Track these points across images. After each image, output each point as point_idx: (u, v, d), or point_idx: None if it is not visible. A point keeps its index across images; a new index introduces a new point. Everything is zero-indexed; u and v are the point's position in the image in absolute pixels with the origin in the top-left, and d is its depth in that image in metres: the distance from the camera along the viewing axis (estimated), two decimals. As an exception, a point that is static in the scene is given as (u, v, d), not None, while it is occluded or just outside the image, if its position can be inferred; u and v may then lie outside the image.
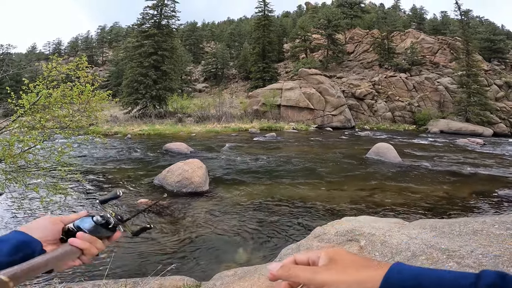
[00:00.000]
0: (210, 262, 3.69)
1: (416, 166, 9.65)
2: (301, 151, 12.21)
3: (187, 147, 11.54)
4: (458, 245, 2.39)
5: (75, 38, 71.55)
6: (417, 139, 17.93)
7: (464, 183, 7.79)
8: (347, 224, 3.53)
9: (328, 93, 24.98)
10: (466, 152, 13.40)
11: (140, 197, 6.04)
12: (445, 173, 8.89)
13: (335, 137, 17.98)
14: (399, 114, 27.33)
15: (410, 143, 16.19)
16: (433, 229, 2.83)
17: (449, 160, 11.02)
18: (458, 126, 23.54)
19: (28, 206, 4.67)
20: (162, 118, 24.32)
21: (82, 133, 4.61)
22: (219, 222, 4.97)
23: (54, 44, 70.24)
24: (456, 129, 23.08)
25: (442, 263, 2.21)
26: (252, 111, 24.99)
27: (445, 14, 55.84)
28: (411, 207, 5.82)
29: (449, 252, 2.32)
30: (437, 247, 2.45)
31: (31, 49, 69.69)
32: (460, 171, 9.16)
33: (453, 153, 12.83)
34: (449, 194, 6.79)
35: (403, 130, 24.58)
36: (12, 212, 4.91)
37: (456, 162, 10.67)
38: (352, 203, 5.99)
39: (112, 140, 14.00)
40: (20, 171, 3.18)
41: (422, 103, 27.49)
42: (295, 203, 5.95)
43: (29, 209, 4.77)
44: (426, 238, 2.66)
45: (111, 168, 8.67)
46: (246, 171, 8.50)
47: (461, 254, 2.26)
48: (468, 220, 2.90)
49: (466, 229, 2.66)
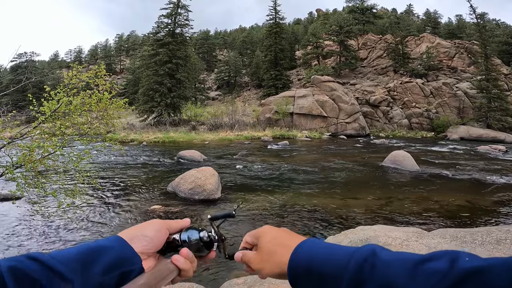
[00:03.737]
0: (220, 270, 3.66)
1: (435, 175, 9.29)
2: (315, 160, 12.06)
3: (200, 155, 11.67)
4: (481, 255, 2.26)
5: (94, 46, 74.46)
6: (436, 147, 17.32)
7: (487, 192, 7.41)
8: (361, 233, 3.42)
9: (342, 100, 24.69)
10: (488, 159, 12.80)
11: (154, 204, 6.13)
12: (466, 182, 8.50)
13: (349, 145, 17.67)
14: (416, 121, 26.55)
15: (428, 150, 15.66)
16: (454, 238, 2.69)
17: (470, 168, 10.55)
18: (478, 132, 22.59)
19: (45, 210, 4.83)
20: (176, 126, 24.78)
21: (99, 140, 4.77)
22: (230, 230, 4.94)
23: (75, 52, 73.29)
24: (476, 136, 22.15)
25: (464, 275, 2.09)
26: (264, 119, 25.02)
27: (461, 18, 54.57)
28: (431, 216, 5.58)
29: (472, 264, 2.19)
30: (458, 259, 2.32)
31: (54, 56, 72.96)
32: (482, 180, 8.74)
33: (474, 160, 12.29)
34: (471, 203, 6.47)
35: (420, 137, 23.83)
36: (30, 216, 5.09)
37: (478, 170, 10.19)
38: (367, 212, 5.81)
39: (128, 147, 14.38)
40: (40, 176, 3.31)
41: (440, 109, 26.62)
42: (308, 211, 5.84)
43: (46, 213, 4.93)
44: (446, 248, 2.53)
45: (127, 174, 8.88)
46: (258, 179, 8.47)
47: (484, 266, 2.13)
48: (491, 229, 2.75)
49: (489, 239, 2.51)
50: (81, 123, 4.03)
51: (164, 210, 5.77)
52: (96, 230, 4.90)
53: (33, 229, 4.84)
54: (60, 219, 5.11)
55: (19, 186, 2.97)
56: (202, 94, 40.51)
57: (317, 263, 0.39)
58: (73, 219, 5.20)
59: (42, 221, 5.05)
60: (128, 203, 6.28)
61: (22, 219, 5.14)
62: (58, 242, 4.49)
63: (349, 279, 0.35)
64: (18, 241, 4.49)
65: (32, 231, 4.80)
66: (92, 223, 5.16)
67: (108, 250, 0.42)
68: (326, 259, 0.39)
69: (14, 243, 4.42)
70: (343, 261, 0.37)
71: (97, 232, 4.80)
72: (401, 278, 0.32)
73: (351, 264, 0.36)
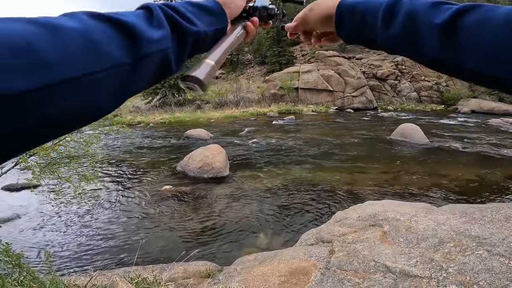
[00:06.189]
0: (231, 247, 3.81)
1: (445, 148, 9.17)
2: (322, 134, 11.99)
3: (207, 133, 11.72)
4: (490, 232, 2.27)
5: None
6: (446, 120, 16.94)
7: (498, 166, 7.31)
8: (369, 208, 3.46)
9: (348, 75, 24.08)
10: (500, 133, 12.50)
11: (165, 184, 6.28)
12: (477, 155, 8.39)
13: (356, 118, 17.42)
14: (426, 94, 25.81)
15: (438, 123, 15.35)
16: (463, 214, 2.70)
17: (481, 141, 10.36)
18: (490, 105, 21.91)
19: (63, 196, 5.01)
20: (182, 106, 24.70)
21: (107, 124, 4.80)
22: (240, 207, 5.06)
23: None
24: (488, 109, 21.51)
25: (472, 250, 2.12)
26: (269, 95, 24.71)
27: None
28: (440, 191, 5.59)
29: (480, 240, 2.21)
30: (466, 234, 2.35)
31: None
32: (493, 153, 8.60)
33: (485, 134, 12.02)
34: (481, 177, 6.42)
35: (430, 110, 23.27)
36: (50, 201, 5.30)
37: (489, 143, 10.01)
38: (376, 187, 5.85)
39: (136, 129, 14.50)
40: (54, 163, 3.40)
41: (450, 82, 25.69)
42: (316, 187, 5.91)
43: (64, 198, 5.12)
44: (455, 224, 2.56)
45: (136, 157, 9.03)
46: (265, 155, 8.52)
47: (492, 241, 2.15)
48: (501, 205, 2.74)
49: (498, 216, 2.51)
50: (88, 108, 4.04)
51: (175, 191, 5.91)
52: (112, 213, 5.10)
53: (54, 215, 5.06)
54: (77, 204, 5.31)
55: (35, 174, 3.06)
56: (205, 72, 39.85)
57: (360, 5, 0.47)
58: (89, 203, 5.39)
59: (61, 207, 5.26)
60: (140, 185, 6.45)
61: (42, 206, 5.36)
62: (78, 225, 4.71)
63: (384, 11, 0.43)
64: (43, 227, 4.72)
65: (54, 217, 5.02)
66: (108, 207, 5.35)
67: (211, 5, 0.47)
68: (367, 2, 0.47)
69: (40, 230, 4.65)
70: (379, 3, 0.45)
71: (114, 215, 4.99)
72: (423, 7, 0.40)
73: (385, 2, 0.44)
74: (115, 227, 4.55)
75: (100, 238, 4.23)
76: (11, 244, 2.17)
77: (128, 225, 4.62)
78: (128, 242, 4.07)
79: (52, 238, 4.27)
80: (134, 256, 3.15)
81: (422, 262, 2.13)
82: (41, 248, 3.93)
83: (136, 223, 4.66)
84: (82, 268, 3.49)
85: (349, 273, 2.19)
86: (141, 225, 4.60)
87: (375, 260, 2.27)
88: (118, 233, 4.37)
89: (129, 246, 3.96)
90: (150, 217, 4.84)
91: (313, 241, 3.07)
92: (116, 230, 4.45)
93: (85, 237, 4.29)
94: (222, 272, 2.79)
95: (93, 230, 4.49)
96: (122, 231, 4.41)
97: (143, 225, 4.60)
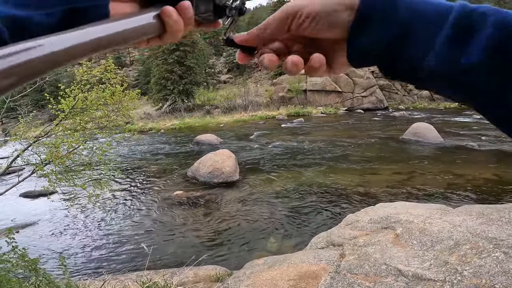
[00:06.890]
0: (241, 251, 3.81)
1: (460, 147, 8.89)
2: (332, 135, 11.87)
3: (216, 138, 11.83)
4: (507, 233, 2.18)
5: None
6: (461, 117, 16.42)
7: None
8: (382, 210, 3.39)
9: (356, 75, 23.85)
10: (520, 128, 12.00)
11: (176, 190, 6.36)
12: (494, 153, 8.09)
13: (367, 119, 17.15)
14: (439, 91, 25.20)
15: (452, 121, 14.91)
16: (479, 215, 2.61)
17: (498, 139, 9.98)
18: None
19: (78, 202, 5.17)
20: (191, 111, 25.08)
21: (118, 132, 4.92)
22: (250, 211, 5.06)
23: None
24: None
25: (488, 252, 2.04)
26: (278, 98, 24.74)
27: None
28: (455, 192, 5.41)
29: (497, 241, 2.13)
30: (483, 236, 2.26)
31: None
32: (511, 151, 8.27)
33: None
34: (499, 176, 6.18)
35: (443, 108, 22.65)
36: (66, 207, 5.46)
37: (507, 140, 9.62)
38: (388, 188, 5.73)
39: (147, 136, 14.79)
40: (68, 171, 3.52)
41: (465, 76, 25.00)
42: (327, 189, 5.84)
43: (79, 204, 5.27)
44: (471, 226, 2.47)
45: (148, 163, 9.20)
46: (275, 159, 8.50)
47: (510, 243, 2.06)
48: (520, 205, 2.63)
49: (517, 216, 2.41)
50: (99, 116, 4.16)
51: (186, 196, 5.98)
52: (125, 219, 5.20)
53: (69, 221, 5.22)
54: (91, 210, 5.45)
55: (51, 182, 3.18)
56: (213, 78, 40.35)
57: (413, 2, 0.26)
58: (102, 209, 5.53)
59: (76, 213, 5.42)
60: (152, 191, 6.56)
61: (57, 212, 5.54)
62: (92, 230, 4.82)
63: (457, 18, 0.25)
64: (59, 232, 4.87)
65: (69, 223, 5.17)
66: (121, 213, 5.47)
67: None
68: None
69: (56, 235, 4.80)
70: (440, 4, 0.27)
71: (127, 221, 5.10)
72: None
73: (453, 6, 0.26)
74: (128, 232, 4.64)
75: (114, 243, 4.32)
76: (28, 250, 2.25)
77: (141, 230, 4.70)
78: (141, 247, 4.14)
79: (67, 243, 4.40)
80: (146, 260, 3.20)
81: (436, 265, 2.07)
82: (57, 253, 4.05)
83: (148, 228, 4.74)
84: (96, 272, 3.57)
85: (359, 276, 2.15)
86: (153, 230, 4.68)
87: (387, 263, 2.22)
88: (131, 238, 4.45)
89: (141, 250, 4.02)
90: (162, 222, 4.91)
91: (324, 245, 3.03)
92: (129, 235, 4.53)
93: (99, 242, 4.39)
94: (231, 276, 2.79)
95: (107, 235, 4.59)
96: (135, 236, 4.50)
97: (155, 230, 4.67)
